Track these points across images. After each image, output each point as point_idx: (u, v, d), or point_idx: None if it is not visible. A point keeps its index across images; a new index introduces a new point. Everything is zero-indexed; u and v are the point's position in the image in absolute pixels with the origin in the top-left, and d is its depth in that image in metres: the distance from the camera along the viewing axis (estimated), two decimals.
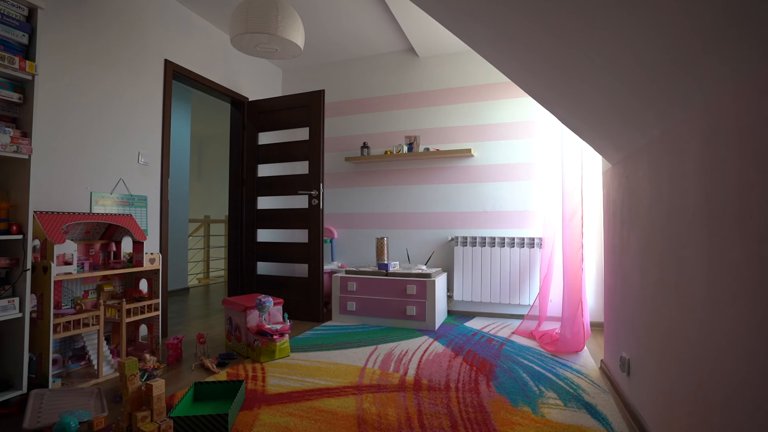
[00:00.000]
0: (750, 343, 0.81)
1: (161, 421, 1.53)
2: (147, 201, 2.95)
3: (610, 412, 1.77)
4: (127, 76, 2.83)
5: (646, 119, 1.32)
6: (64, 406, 1.69)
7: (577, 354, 2.58)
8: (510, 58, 1.62)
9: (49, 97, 2.34)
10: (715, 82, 0.89)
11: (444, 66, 4.00)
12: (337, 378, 2.17)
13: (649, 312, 1.48)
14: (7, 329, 1.85)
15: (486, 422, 1.68)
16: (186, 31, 3.35)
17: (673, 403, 1.25)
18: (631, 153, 1.66)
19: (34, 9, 1.88)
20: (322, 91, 3.58)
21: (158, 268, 2.51)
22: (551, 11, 1.06)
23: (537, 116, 3.60)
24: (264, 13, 2.48)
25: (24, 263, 1.84)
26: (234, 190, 4.02)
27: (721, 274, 0.93)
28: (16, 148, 1.79)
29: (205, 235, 6.22)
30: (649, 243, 1.46)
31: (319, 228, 3.51)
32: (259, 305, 2.52)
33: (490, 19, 1.31)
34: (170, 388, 2.04)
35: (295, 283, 3.65)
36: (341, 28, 3.71)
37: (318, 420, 1.70)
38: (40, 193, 2.26)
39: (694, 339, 1.08)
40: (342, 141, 4.34)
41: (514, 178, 3.72)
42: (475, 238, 3.70)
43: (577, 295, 2.61)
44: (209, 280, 6.07)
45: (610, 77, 1.22)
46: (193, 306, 4.31)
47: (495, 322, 3.46)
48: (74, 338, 2.22)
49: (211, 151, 7.14)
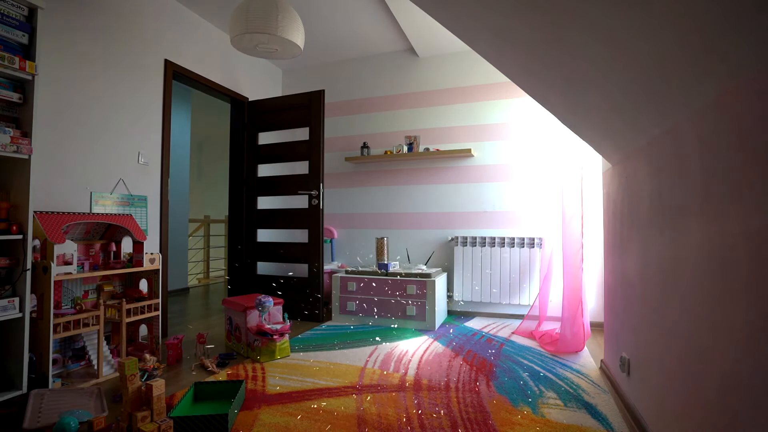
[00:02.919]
0: (750, 342, 0.81)
1: (161, 421, 1.53)
2: (147, 201, 2.95)
3: (610, 412, 1.77)
4: (128, 76, 2.83)
5: (646, 119, 1.32)
6: (64, 406, 1.69)
7: (577, 354, 2.58)
8: (510, 57, 1.62)
9: (49, 97, 2.34)
10: (715, 81, 0.89)
11: (444, 66, 4.00)
12: (337, 378, 2.17)
13: (649, 312, 1.48)
14: (7, 329, 1.85)
15: (486, 422, 1.68)
16: (186, 31, 3.35)
17: (673, 403, 1.25)
18: (631, 153, 1.66)
19: (34, 9, 1.88)
20: (322, 91, 3.58)
21: (158, 268, 2.51)
22: (551, 12, 1.06)
23: (537, 116, 3.60)
24: (264, 13, 2.48)
25: (24, 263, 1.84)
26: (234, 190, 4.03)
27: (721, 274, 0.93)
28: (16, 148, 1.79)
29: (205, 235, 6.22)
30: (649, 243, 1.46)
31: (319, 228, 3.51)
32: (259, 305, 2.52)
33: (490, 19, 1.31)
34: (170, 388, 2.04)
35: (295, 283, 3.65)
36: (341, 28, 3.71)
37: (318, 420, 1.70)
38: (40, 193, 2.26)
39: (694, 339, 1.08)
40: (342, 141, 4.34)
41: (514, 178, 3.72)
42: (475, 238, 3.70)
43: (577, 295, 2.61)
44: (209, 280, 6.07)
45: (610, 77, 1.22)
46: (193, 306, 4.31)
47: (495, 322, 3.46)
48: (74, 338, 2.22)
49: (211, 151, 7.14)
